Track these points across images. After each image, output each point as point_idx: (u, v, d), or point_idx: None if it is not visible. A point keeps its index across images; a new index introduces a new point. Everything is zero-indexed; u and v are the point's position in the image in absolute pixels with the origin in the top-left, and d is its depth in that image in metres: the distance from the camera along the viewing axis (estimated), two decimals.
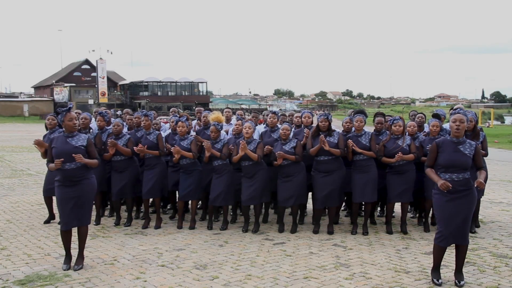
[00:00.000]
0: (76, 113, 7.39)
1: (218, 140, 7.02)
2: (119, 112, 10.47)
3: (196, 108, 9.18)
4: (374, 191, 6.80)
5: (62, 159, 5.13)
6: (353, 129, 7.06)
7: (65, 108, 5.37)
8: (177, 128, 7.10)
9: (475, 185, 4.62)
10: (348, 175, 6.90)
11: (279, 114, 8.00)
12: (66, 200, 5.26)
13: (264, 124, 8.43)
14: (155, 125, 7.86)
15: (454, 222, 4.76)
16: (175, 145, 6.92)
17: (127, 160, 7.16)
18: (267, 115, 7.95)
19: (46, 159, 5.56)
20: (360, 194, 6.80)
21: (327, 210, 7.37)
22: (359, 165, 6.79)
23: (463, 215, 4.75)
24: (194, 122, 8.47)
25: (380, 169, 6.89)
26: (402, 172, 6.75)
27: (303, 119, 7.53)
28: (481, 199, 7.25)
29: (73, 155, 5.14)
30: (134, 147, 6.93)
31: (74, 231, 5.57)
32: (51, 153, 5.30)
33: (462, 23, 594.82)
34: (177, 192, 7.55)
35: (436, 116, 7.11)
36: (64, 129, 5.37)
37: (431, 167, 4.92)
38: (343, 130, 7.17)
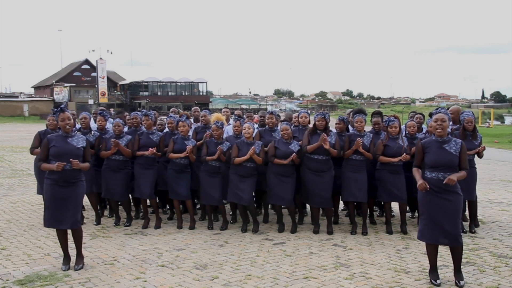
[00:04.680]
0: (71, 113, 7.39)
1: (223, 141, 7.03)
2: (113, 112, 10.45)
3: (193, 108, 9.17)
4: (365, 191, 6.79)
5: (65, 163, 5.10)
6: (350, 129, 7.04)
7: (57, 109, 5.33)
8: (179, 128, 7.10)
9: (444, 182, 4.67)
10: (338, 174, 6.87)
11: (276, 114, 8.00)
12: (59, 200, 5.21)
13: (257, 124, 8.37)
14: (159, 126, 7.87)
15: (437, 221, 4.79)
16: (177, 146, 6.98)
17: (123, 161, 7.16)
18: (263, 116, 7.96)
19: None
20: (350, 193, 6.80)
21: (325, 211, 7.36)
22: (353, 164, 6.78)
23: (448, 216, 4.77)
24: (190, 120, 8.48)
25: (374, 170, 6.89)
26: (394, 172, 6.72)
27: (300, 119, 7.52)
28: (481, 199, 7.26)
29: (70, 159, 5.11)
30: (150, 149, 6.92)
31: (70, 230, 5.55)
32: (46, 153, 5.23)
33: (462, 23, 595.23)
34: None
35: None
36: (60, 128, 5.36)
37: (418, 166, 4.99)
38: (336, 131, 7.12)
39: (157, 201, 7.63)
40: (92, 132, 7.45)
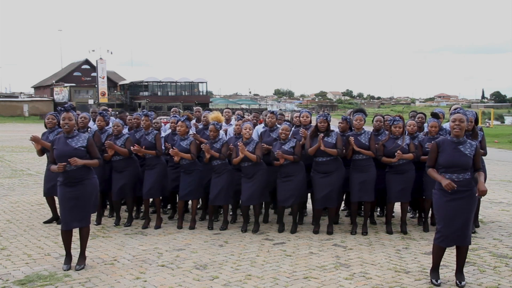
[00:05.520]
0: (80, 114, 7.46)
1: (217, 140, 7.02)
2: (113, 112, 10.54)
3: (195, 108, 9.18)
4: (372, 190, 6.80)
5: (65, 163, 5.13)
6: (352, 128, 7.06)
7: (62, 108, 5.39)
8: (177, 127, 7.10)
9: (477, 194, 4.62)
10: (347, 175, 6.90)
11: (278, 114, 8.01)
12: (67, 200, 5.25)
13: (263, 124, 8.43)
14: (155, 124, 7.88)
15: (454, 222, 4.76)
16: (175, 146, 6.94)
17: (126, 160, 7.16)
18: (266, 115, 7.97)
19: (46, 159, 5.56)
20: (358, 194, 6.80)
21: (327, 210, 7.36)
22: (358, 164, 6.79)
23: (463, 216, 4.75)
24: (192, 123, 8.48)
25: (379, 170, 6.89)
26: (402, 172, 6.75)
27: (301, 118, 7.53)
28: (481, 199, 7.25)
29: (68, 159, 5.13)
30: (131, 147, 6.93)
31: (75, 231, 5.57)
32: (53, 154, 5.31)
33: (461, 23, 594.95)
34: (177, 192, 7.55)
35: (434, 115, 7.09)
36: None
37: (433, 167, 4.92)
38: (339, 131, 7.16)
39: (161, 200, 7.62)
40: (89, 129, 7.47)
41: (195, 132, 7.67)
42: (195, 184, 7.05)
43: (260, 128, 8.08)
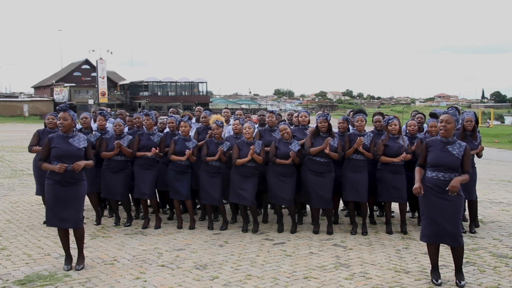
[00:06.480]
0: (84, 115, 7.50)
1: (223, 142, 7.03)
2: (113, 112, 10.56)
3: (196, 108, 9.19)
4: (365, 192, 6.79)
5: (66, 165, 5.10)
6: (351, 128, 7.06)
7: (58, 107, 5.38)
8: (180, 128, 7.11)
9: (447, 188, 4.67)
10: (338, 174, 6.88)
11: (276, 113, 8.00)
12: (60, 200, 5.21)
13: (258, 124, 8.39)
14: (161, 125, 7.88)
15: (437, 220, 4.81)
16: (178, 147, 6.98)
17: (123, 161, 7.17)
18: (262, 115, 7.97)
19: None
20: (350, 193, 6.81)
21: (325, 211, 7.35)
22: (353, 164, 6.78)
23: (447, 216, 4.78)
24: (193, 120, 8.50)
25: (375, 170, 6.89)
26: (395, 172, 6.73)
27: (299, 118, 7.53)
28: (481, 199, 7.27)
29: (72, 166, 5.10)
30: (153, 148, 6.91)
31: (72, 230, 5.55)
32: (46, 153, 5.24)
33: (461, 23, 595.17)
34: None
35: (433, 115, 7.10)
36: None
37: (421, 165, 5.00)
38: (339, 131, 7.15)
39: (157, 201, 7.63)
40: (93, 132, 7.46)
41: (197, 131, 7.70)
42: (187, 185, 7.08)
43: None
